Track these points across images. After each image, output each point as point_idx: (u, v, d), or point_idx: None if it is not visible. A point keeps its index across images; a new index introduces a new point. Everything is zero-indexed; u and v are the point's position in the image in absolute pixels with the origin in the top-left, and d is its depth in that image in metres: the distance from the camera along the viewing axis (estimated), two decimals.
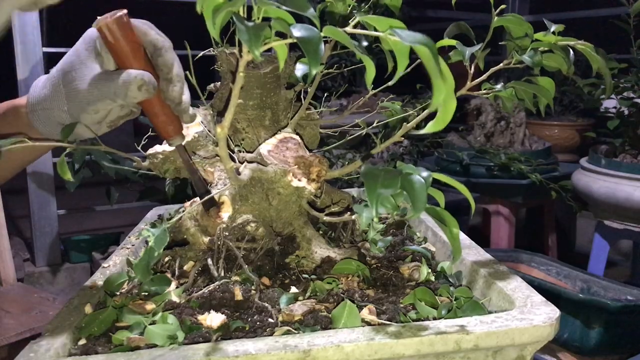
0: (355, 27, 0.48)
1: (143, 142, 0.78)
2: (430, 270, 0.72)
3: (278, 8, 0.43)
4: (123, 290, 0.67)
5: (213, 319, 0.58)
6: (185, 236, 0.71)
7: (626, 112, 1.81)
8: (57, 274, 2.48)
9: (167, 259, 0.73)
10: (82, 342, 0.57)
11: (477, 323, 0.54)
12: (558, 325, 0.56)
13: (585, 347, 1.26)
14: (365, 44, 0.60)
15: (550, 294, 1.29)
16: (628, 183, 1.68)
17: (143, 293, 0.66)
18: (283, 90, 0.79)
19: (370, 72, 0.45)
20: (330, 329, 0.56)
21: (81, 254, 2.52)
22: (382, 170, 0.47)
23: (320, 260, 0.73)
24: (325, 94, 0.93)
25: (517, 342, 0.54)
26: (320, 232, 0.82)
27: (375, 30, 0.46)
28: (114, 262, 0.77)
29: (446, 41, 0.66)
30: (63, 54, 0.65)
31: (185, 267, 0.70)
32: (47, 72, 0.66)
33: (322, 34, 0.43)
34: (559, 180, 2.07)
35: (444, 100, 0.43)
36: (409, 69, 0.86)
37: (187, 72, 0.66)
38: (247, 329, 0.58)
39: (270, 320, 0.59)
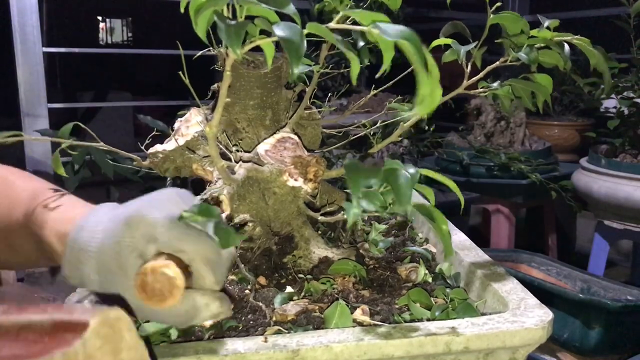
0: (343, 22, 0.48)
1: (147, 142, 0.78)
2: (428, 272, 0.72)
3: (260, 6, 0.43)
4: None
5: None
6: None
7: (626, 112, 1.81)
8: (57, 274, 2.48)
9: None
10: None
11: (468, 325, 0.54)
12: (551, 328, 0.55)
13: (585, 347, 1.26)
14: (361, 43, 0.59)
15: (550, 294, 1.29)
16: (628, 183, 1.68)
17: None
18: (284, 90, 0.79)
19: (355, 69, 0.44)
20: (322, 329, 0.56)
21: None
22: (365, 165, 0.46)
23: (318, 260, 0.73)
24: (329, 95, 0.93)
25: (508, 344, 0.53)
26: (320, 232, 0.82)
27: (360, 25, 0.46)
28: None
29: (442, 40, 0.66)
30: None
31: None
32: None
33: (305, 31, 0.43)
34: (559, 180, 2.06)
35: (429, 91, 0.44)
36: (410, 69, 0.86)
37: (180, 73, 0.66)
38: (240, 328, 0.58)
39: (263, 320, 0.59)
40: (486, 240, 2.24)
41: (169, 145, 0.75)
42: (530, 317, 0.55)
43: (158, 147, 0.75)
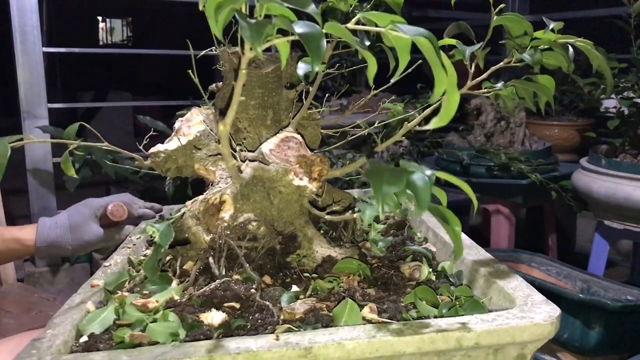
0: (356, 24, 0.48)
1: (145, 142, 0.78)
2: (431, 270, 0.72)
3: (280, 5, 0.43)
4: (125, 289, 0.67)
5: (214, 317, 0.58)
6: (186, 235, 0.71)
7: (626, 112, 1.81)
8: (57, 274, 2.48)
9: (168, 258, 0.73)
10: (84, 339, 0.57)
11: (478, 321, 0.54)
12: (559, 323, 0.56)
13: (585, 347, 1.26)
14: (367, 43, 0.60)
15: (550, 294, 1.29)
16: (628, 183, 1.68)
17: (144, 292, 0.66)
18: (285, 90, 0.79)
19: (372, 68, 0.45)
20: (331, 327, 0.56)
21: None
22: (386, 168, 0.46)
23: (321, 260, 0.73)
24: (327, 95, 0.93)
25: (517, 340, 0.54)
26: (321, 231, 0.82)
27: (376, 26, 0.47)
28: (115, 262, 0.78)
29: (446, 40, 0.66)
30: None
31: (185, 267, 0.70)
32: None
33: (324, 31, 0.43)
34: (559, 180, 2.07)
35: (446, 95, 0.44)
36: (410, 70, 0.86)
37: (190, 72, 0.67)
38: (248, 327, 0.58)
39: (271, 318, 0.59)
40: (486, 240, 2.24)
41: (170, 145, 0.75)
42: (539, 313, 0.56)
43: (159, 147, 0.75)
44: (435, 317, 0.59)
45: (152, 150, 0.75)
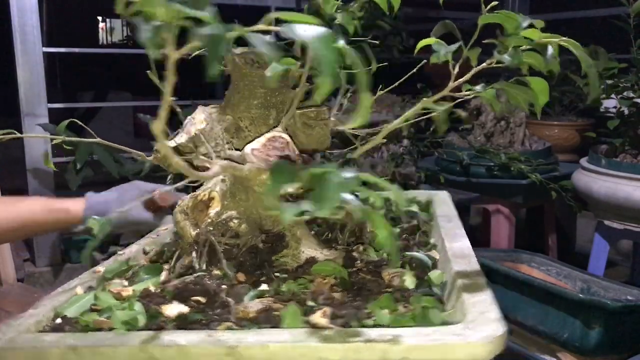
0: (276, 24, 0.47)
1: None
2: (414, 278, 0.69)
3: (180, 8, 0.43)
4: (124, 277, 0.68)
5: (172, 310, 0.59)
6: (176, 229, 0.72)
7: (626, 112, 1.81)
8: (58, 274, 2.48)
9: (174, 249, 0.74)
10: (58, 321, 0.58)
11: (413, 334, 0.51)
12: (501, 344, 0.51)
13: (585, 347, 1.26)
14: (341, 41, 0.58)
15: (550, 294, 1.30)
16: (628, 183, 1.68)
17: (135, 280, 0.68)
18: (291, 90, 0.79)
19: (275, 74, 0.45)
20: (277, 328, 0.56)
21: (81, 254, 2.52)
22: (291, 167, 0.45)
23: (305, 260, 0.72)
24: (335, 95, 0.93)
25: (449, 358, 0.50)
26: (313, 232, 0.80)
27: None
28: (130, 251, 0.78)
29: (427, 40, 0.65)
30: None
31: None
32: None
33: (234, 33, 0.43)
34: (559, 180, 2.06)
35: (360, 97, 0.44)
36: (412, 71, 0.86)
37: (176, 70, 0.68)
38: (203, 322, 0.58)
39: (227, 315, 0.59)
40: (486, 240, 2.24)
41: (171, 142, 0.76)
42: (479, 332, 0.52)
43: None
44: (377, 326, 0.56)
45: (156, 147, 0.76)
